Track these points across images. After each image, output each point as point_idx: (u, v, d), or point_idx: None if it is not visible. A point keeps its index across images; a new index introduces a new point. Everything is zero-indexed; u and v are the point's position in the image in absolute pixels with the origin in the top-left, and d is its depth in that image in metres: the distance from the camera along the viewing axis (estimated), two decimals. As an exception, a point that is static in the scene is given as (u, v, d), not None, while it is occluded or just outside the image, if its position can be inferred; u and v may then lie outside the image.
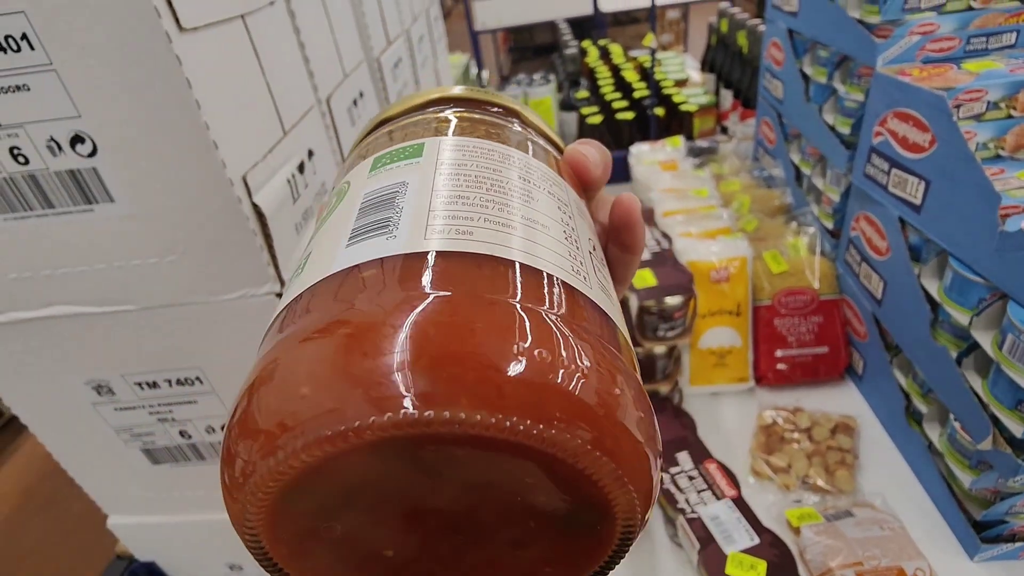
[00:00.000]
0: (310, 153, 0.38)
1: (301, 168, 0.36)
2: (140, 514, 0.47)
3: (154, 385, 0.37)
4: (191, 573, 0.51)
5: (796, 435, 0.63)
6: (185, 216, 0.29)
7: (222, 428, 0.40)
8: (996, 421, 0.46)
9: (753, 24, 1.20)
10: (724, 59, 1.32)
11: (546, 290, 0.13)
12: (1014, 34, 0.59)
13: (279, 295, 0.32)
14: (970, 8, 0.60)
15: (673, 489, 0.55)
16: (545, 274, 0.14)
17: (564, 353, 0.11)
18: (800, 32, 0.78)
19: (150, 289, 0.32)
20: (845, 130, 0.69)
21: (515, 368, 0.11)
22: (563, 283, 0.14)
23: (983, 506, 0.51)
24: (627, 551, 0.13)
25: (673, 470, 0.57)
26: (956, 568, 0.51)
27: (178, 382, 0.36)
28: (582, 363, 0.12)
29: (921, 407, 0.57)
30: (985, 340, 0.47)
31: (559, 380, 0.11)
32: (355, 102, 0.49)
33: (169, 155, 0.27)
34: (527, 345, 0.11)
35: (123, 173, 0.27)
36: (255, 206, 0.30)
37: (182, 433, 0.40)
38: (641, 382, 0.14)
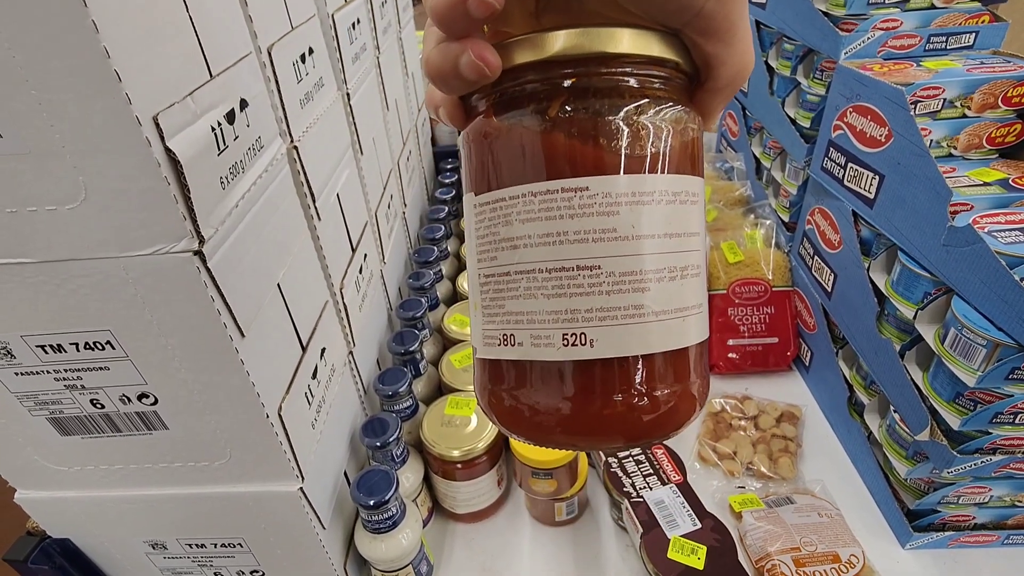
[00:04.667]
0: (243, 103, 0.35)
1: (231, 118, 0.33)
2: (51, 489, 0.43)
3: (59, 349, 0.33)
4: (109, 551, 0.48)
5: (743, 422, 0.63)
6: (86, 158, 0.26)
7: (139, 398, 0.37)
8: (934, 413, 0.47)
9: (724, 16, 1.20)
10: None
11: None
12: (973, 35, 0.60)
13: (197, 252, 0.29)
14: (932, 6, 0.61)
15: (620, 474, 0.55)
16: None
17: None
18: (767, 24, 0.78)
19: (50, 240, 0.29)
20: (805, 123, 0.69)
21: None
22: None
23: (917, 496, 0.52)
24: None
25: (621, 455, 0.57)
26: (889, 555, 0.52)
27: (86, 346, 0.33)
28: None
29: (863, 398, 0.58)
30: (928, 334, 0.48)
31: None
32: (303, 57, 0.46)
33: (63, 85, 0.24)
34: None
35: (10, 104, 0.24)
36: (168, 151, 0.27)
37: (93, 402, 0.36)
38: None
